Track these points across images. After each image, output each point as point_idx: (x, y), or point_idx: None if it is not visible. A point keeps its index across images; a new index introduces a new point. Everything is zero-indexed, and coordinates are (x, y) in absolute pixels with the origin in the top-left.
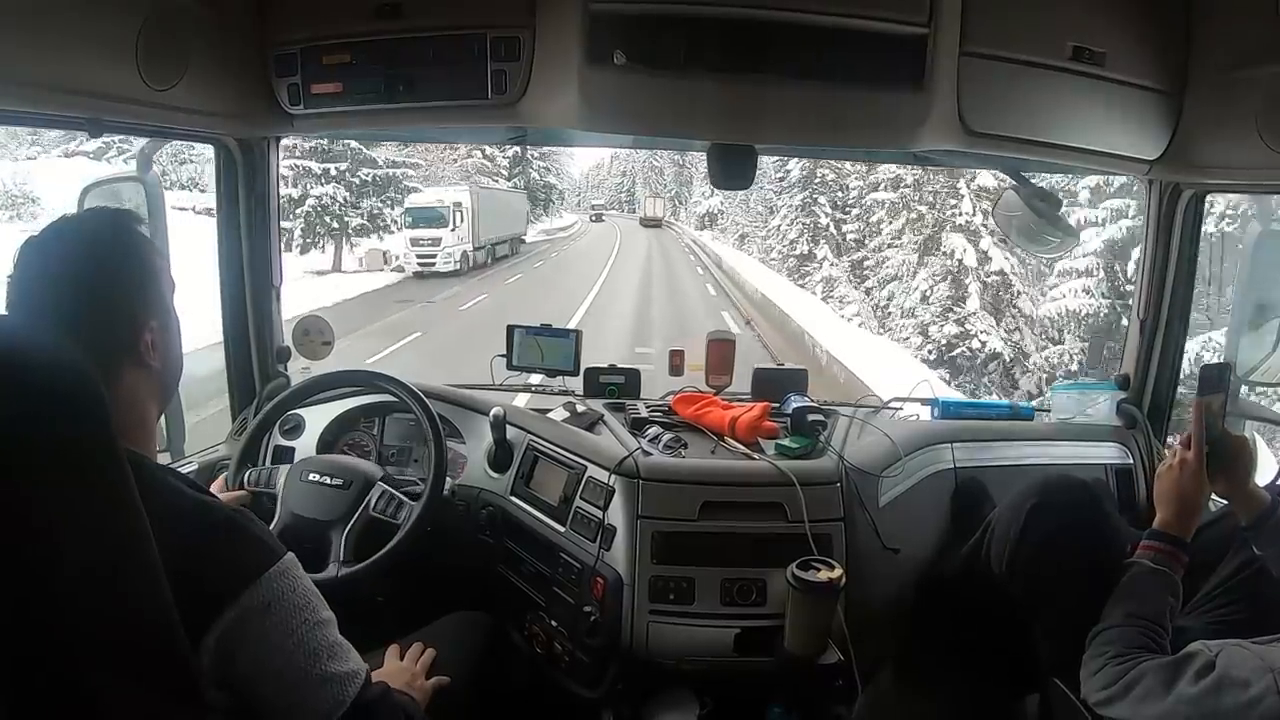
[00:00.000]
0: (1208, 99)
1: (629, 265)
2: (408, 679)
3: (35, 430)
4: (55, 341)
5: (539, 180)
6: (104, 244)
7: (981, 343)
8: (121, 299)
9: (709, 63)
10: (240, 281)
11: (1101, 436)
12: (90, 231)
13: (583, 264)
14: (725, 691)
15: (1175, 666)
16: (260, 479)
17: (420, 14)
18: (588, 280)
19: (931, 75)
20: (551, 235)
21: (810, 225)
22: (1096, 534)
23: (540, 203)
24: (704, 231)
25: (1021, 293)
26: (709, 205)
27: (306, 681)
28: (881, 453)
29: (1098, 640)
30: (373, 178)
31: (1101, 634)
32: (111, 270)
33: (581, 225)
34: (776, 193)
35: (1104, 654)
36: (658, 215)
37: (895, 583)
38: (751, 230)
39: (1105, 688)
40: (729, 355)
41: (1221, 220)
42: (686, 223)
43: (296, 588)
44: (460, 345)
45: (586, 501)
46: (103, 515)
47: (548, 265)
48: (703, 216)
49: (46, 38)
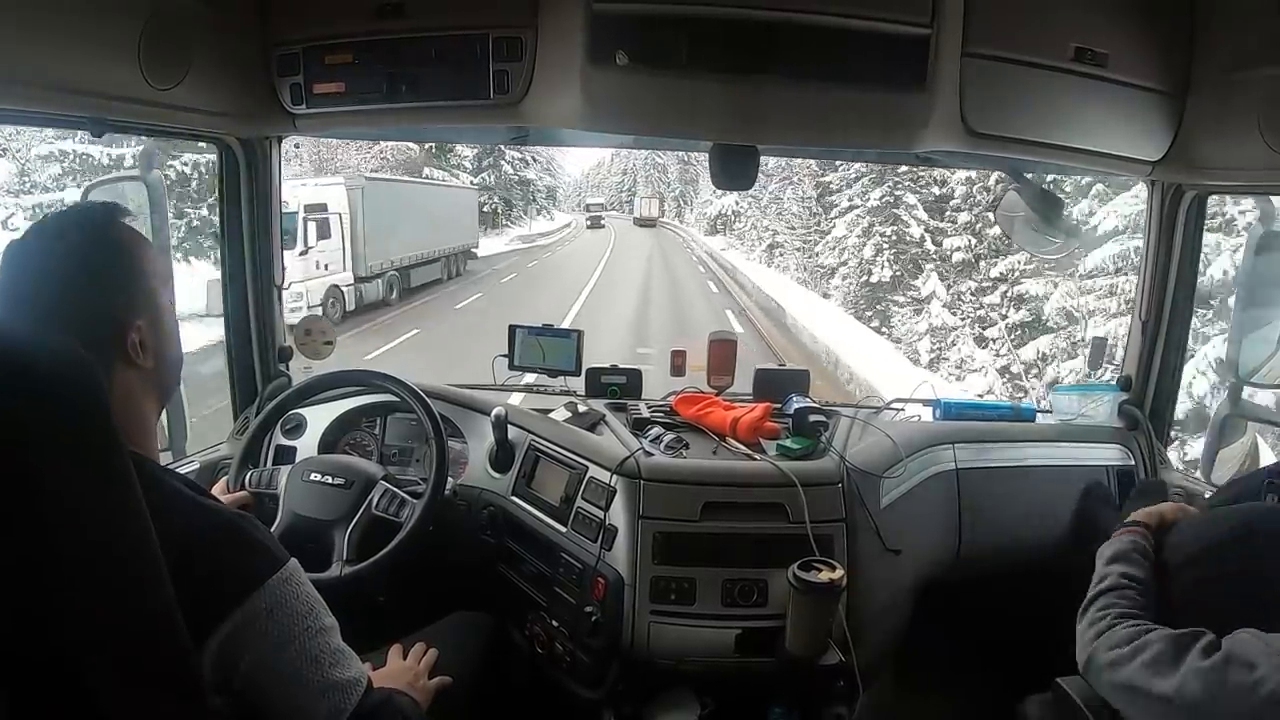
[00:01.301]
0: (1210, 100)
1: (621, 293)
2: (410, 679)
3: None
4: (53, 336)
5: (513, 175)
6: (87, 240)
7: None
8: (103, 297)
9: (711, 63)
10: (242, 281)
11: (1103, 438)
12: (73, 228)
13: (560, 281)
14: (726, 692)
15: (1183, 640)
16: (261, 480)
17: (422, 14)
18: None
19: (934, 76)
20: (530, 242)
21: (894, 238)
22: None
23: (518, 203)
24: (715, 237)
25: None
26: (721, 205)
27: (308, 688)
28: (883, 454)
29: (1100, 599)
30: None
31: (1104, 593)
32: (93, 268)
33: (575, 228)
34: (837, 187)
35: (1108, 613)
36: (652, 215)
37: (897, 584)
38: (787, 238)
39: (1114, 648)
40: (730, 356)
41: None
42: (694, 226)
43: (300, 594)
44: None
45: (588, 502)
46: (104, 512)
47: (494, 295)
48: (714, 219)
49: (49, 37)
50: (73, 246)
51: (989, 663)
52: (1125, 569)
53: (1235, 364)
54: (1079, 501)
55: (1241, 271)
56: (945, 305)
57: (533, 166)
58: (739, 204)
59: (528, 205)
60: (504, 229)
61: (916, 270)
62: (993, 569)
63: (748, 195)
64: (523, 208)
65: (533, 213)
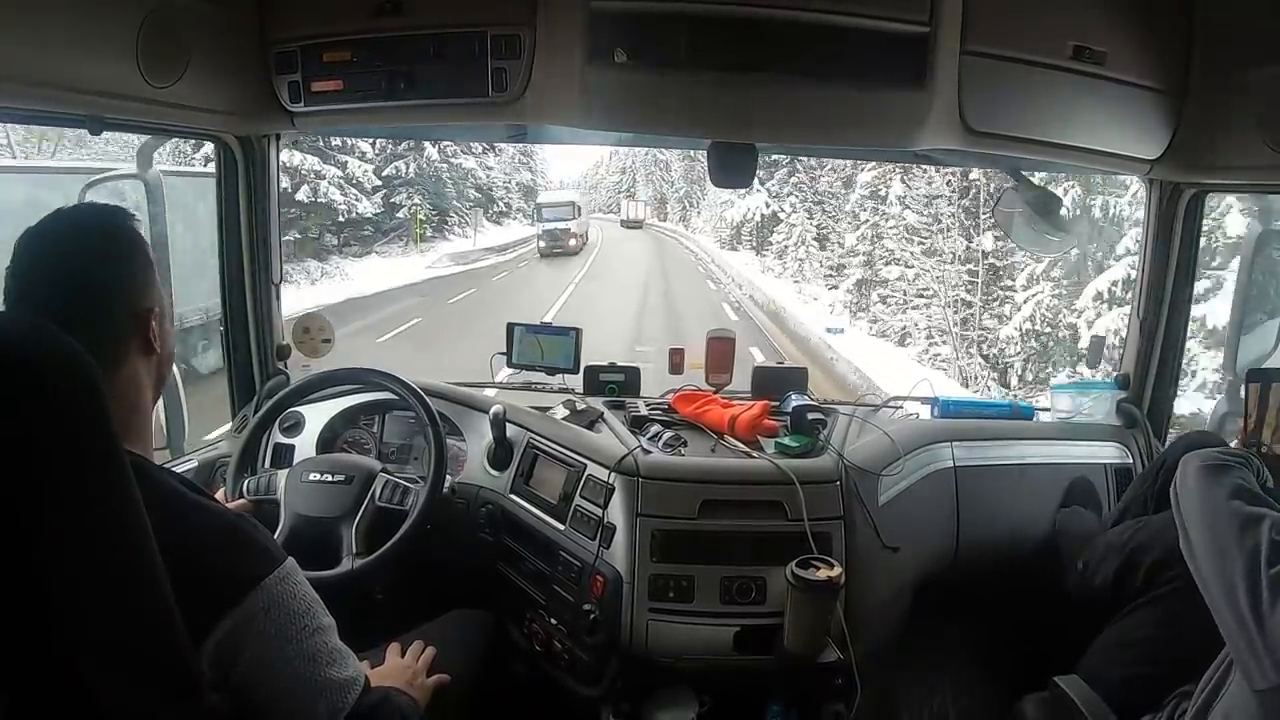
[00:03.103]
0: (1208, 99)
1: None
2: (409, 677)
3: (32, 425)
4: (53, 334)
5: (442, 167)
6: (102, 234)
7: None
8: (126, 286)
9: (710, 61)
10: (240, 278)
11: (1101, 436)
12: (86, 223)
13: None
14: (724, 690)
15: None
16: (259, 486)
17: (421, 11)
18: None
19: (932, 74)
20: (467, 263)
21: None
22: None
23: (457, 206)
24: (736, 253)
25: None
26: (747, 208)
27: (306, 687)
28: (881, 451)
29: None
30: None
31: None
32: (114, 259)
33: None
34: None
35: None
36: (639, 218)
37: (895, 581)
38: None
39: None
40: (729, 353)
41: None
42: (705, 232)
43: (297, 593)
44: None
45: (586, 499)
46: (103, 512)
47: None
48: (736, 226)
49: (47, 35)
50: (91, 238)
51: (987, 660)
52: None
53: (1234, 362)
54: (1056, 515)
55: (1241, 270)
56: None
57: (478, 156)
58: (773, 203)
59: (474, 209)
60: (434, 243)
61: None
62: (991, 567)
63: (790, 191)
64: (462, 214)
65: (478, 221)
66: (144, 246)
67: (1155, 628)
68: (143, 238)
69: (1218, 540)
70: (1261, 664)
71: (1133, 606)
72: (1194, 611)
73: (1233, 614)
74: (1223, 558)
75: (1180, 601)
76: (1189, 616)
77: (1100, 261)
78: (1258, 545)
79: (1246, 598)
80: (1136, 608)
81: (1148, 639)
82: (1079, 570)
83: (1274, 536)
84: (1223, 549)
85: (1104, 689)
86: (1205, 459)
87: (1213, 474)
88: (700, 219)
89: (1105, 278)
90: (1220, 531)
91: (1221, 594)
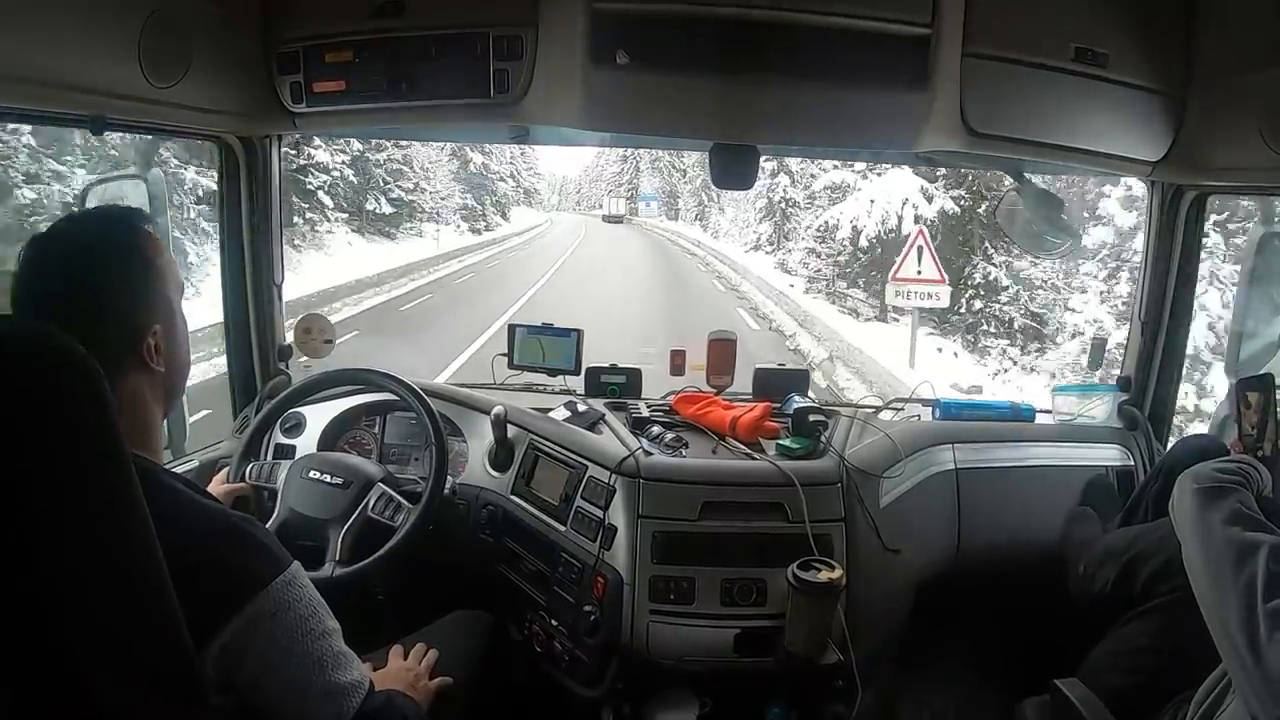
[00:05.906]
0: (1210, 101)
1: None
2: (411, 680)
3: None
4: (57, 338)
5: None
6: (106, 244)
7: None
8: (122, 301)
9: (711, 63)
10: (242, 279)
11: (1102, 438)
12: (92, 231)
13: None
14: (725, 691)
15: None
16: (262, 473)
17: (423, 12)
18: None
19: (934, 75)
20: (419, 275)
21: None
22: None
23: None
24: (754, 252)
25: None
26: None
27: (310, 691)
28: (882, 453)
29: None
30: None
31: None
32: (114, 272)
33: (525, 238)
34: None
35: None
36: (620, 213)
37: (896, 583)
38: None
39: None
40: (730, 355)
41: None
42: (731, 238)
43: (303, 597)
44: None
45: (587, 501)
46: (107, 513)
47: None
48: (762, 239)
49: (49, 35)
50: (93, 248)
51: (987, 663)
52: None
53: (1235, 363)
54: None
55: (1242, 271)
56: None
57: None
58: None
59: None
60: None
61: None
62: (992, 569)
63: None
64: (407, 216)
65: (495, 212)
66: (146, 260)
67: (1156, 635)
68: (155, 254)
69: (1213, 569)
70: (1261, 698)
71: (1134, 613)
72: (1194, 621)
73: (1229, 646)
74: (1219, 589)
75: (1181, 610)
76: (1189, 626)
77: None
78: (1253, 576)
79: (1242, 633)
80: (1137, 614)
81: (1149, 646)
82: (1080, 574)
83: (1271, 567)
84: (1218, 579)
85: (1105, 693)
86: (1201, 480)
87: (1209, 498)
88: (725, 219)
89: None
90: (1215, 560)
91: (1218, 626)
